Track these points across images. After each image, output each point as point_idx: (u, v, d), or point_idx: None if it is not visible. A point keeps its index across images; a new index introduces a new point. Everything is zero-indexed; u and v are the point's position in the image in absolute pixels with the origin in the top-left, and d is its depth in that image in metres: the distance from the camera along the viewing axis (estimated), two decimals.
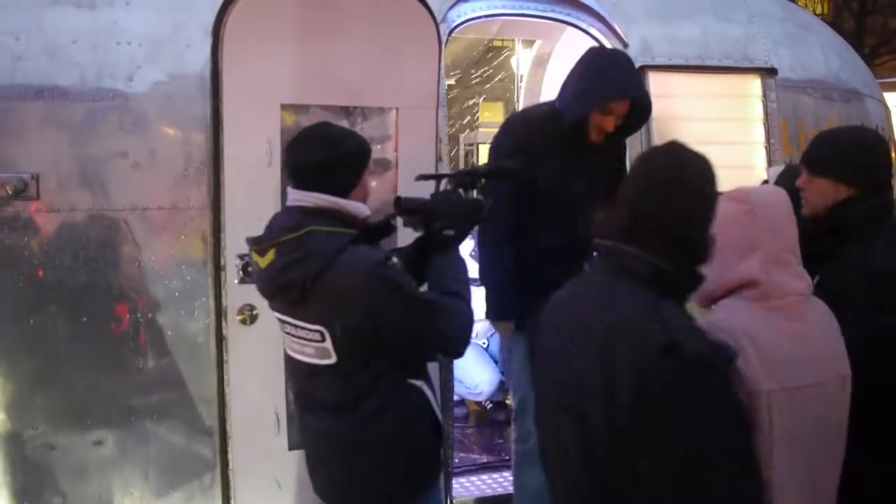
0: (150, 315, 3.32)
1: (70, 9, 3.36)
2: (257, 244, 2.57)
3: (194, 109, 3.34)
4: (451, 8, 3.82)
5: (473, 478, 4.06)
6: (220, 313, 3.30)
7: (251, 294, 2.90)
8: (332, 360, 2.52)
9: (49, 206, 3.24)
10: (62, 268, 3.25)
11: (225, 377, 3.30)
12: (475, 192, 2.90)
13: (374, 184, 2.79)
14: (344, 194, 2.56)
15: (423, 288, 2.66)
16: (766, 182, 3.40)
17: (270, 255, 2.52)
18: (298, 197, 2.57)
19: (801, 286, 2.24)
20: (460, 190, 2.81)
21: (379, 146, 3.46)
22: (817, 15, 15.29)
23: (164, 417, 3.36)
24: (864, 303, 2.49)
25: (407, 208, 2.71)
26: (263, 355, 3.18)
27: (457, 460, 3.94)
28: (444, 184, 2.85)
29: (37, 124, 3.26)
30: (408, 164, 3.46)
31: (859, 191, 2.67)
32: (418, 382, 2.61)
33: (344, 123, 3.42)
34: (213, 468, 3.36)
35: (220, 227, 3.28)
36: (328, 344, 2.50)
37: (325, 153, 2.56)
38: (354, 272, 2.43)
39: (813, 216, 2.71)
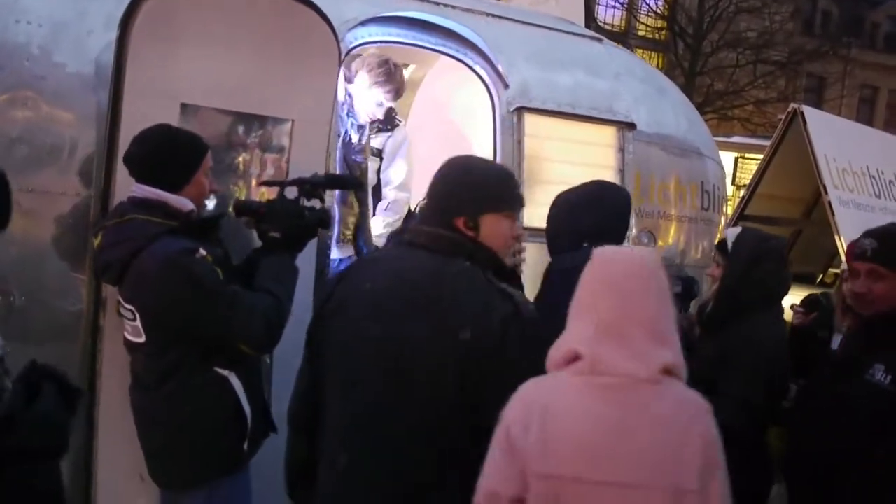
0: (23, 298, 3.26)
1: None
2: (94, 227, 2.93)
3: (91, 97, 3.32)
4: (349, 30, 3.98)
5: None
6: (98, 302, 3.29)
7: None
8: (142, 338, 2.80)
9: None
10: None
11: (97, 368, 3.28)
12: (319, 200, 3.15)
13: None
14: (174, 189, 2.84)
15: None
16: (723, 241, 3.37)
17: (99, 237, 2.85)
18: (133, 188, 2.86)
19: (634, 367, 1.90)
20: (302, 197, 3.07)
21: (276, 154, 3.56)
22: None
23: None
24: None
25: (239, 210, 3.06)
26: None
27: None
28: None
29: None
30: (297, 175, 3.57)
31: None
32: (225, 372, 2.82)
33: (240, 130, 3.51)
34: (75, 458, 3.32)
35: None
36: (138, 323, 2.78)
37: (157, 151, 2.84)
38: (156, 258, 2.69)
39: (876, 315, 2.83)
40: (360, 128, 4.53)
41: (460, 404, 2.19)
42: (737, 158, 14.65)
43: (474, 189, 2.38)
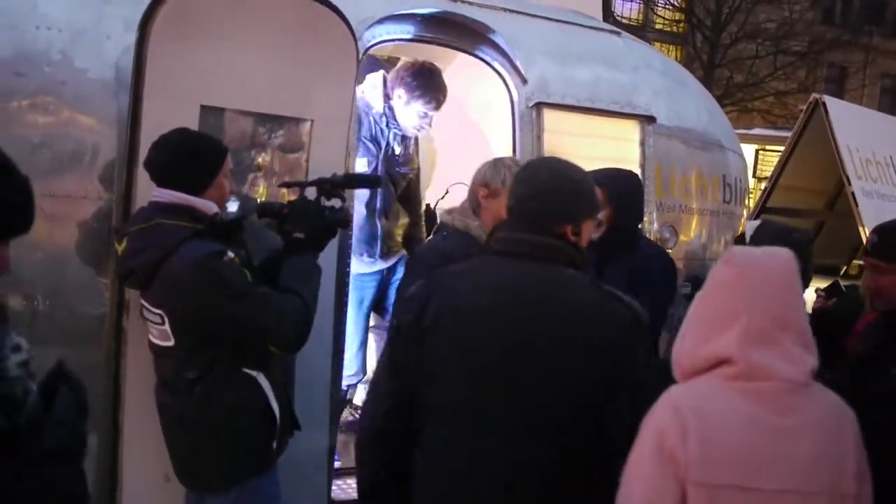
0: (47, 302, 3.28)
1: None
2: (117, 233, 2.91)
3: (111, 101, 3.34)
4: (367, 28, 3.97)
5: (352, 480, 4.18)
6: (121, 305, 3.31)
7: None
8: (171, 342, 2.80)
9: None
10: None
11: (121, 371, 3.30)
12: (339, 199, 3.15)
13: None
14: (197, 192, 2.83)
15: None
16: (742, 235, 3.40)
17: (124, 243, 2.83)
18: (155, 193, 2.85)
19: (789, 371, 1.88)
20: (322, 197, 3.07)
21: (296, 154, 3.57)
22: None
23: None
24: None
25: (262, 211, 3.06)
26: None
27: (339, 462, 4.06)
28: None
29: None
30: (318, 175, 3.57)
31: None
32: (254, 372, 2.83)
33: (261, 130, 3.52)
34: (100, 461, 3.34)
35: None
36: (167, 327, 2.78)
37: (178, 156, 2.83)
38: (185, 262, 2.69)
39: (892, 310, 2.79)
40: (404, 139, 4.52)
41: (580, 415, 2.17)
42: (757, 151, 14.58)
43: (580, 196, 2.36)
